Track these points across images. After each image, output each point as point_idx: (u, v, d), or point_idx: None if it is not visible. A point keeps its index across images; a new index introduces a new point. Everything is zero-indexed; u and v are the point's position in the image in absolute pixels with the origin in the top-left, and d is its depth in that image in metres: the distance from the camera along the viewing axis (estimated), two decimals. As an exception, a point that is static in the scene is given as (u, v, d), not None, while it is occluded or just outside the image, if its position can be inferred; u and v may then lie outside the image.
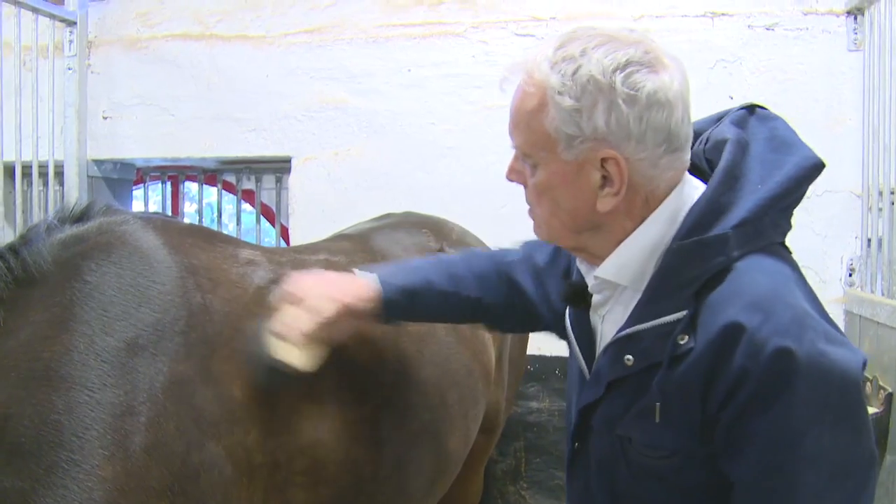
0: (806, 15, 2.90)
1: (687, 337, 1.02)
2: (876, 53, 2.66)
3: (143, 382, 1.30)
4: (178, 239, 1.54)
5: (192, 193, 4.30)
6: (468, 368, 1.92)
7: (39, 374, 1.25)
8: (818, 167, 1.11)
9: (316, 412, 1.52)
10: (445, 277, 1.49)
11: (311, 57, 3.29)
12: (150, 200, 4.20)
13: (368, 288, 1.44)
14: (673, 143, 1.06)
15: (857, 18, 2.84)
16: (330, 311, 1.39)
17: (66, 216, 1.50)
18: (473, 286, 1.49)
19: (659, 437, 1.06)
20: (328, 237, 2.22)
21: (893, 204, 2.49)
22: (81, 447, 1.21)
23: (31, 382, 1.24)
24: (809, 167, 1.10)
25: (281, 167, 3.56)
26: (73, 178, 3.38)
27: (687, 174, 1.12)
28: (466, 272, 1.51)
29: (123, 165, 3.66)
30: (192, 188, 4.13)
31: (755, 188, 1.07)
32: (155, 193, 4.13)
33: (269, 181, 3.78)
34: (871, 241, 2.71)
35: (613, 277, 1.13)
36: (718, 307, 1.01)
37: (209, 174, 3.88)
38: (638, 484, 1.10)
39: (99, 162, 3.51)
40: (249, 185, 3.77)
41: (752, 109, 1.19)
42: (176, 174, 3.98)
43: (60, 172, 3.38)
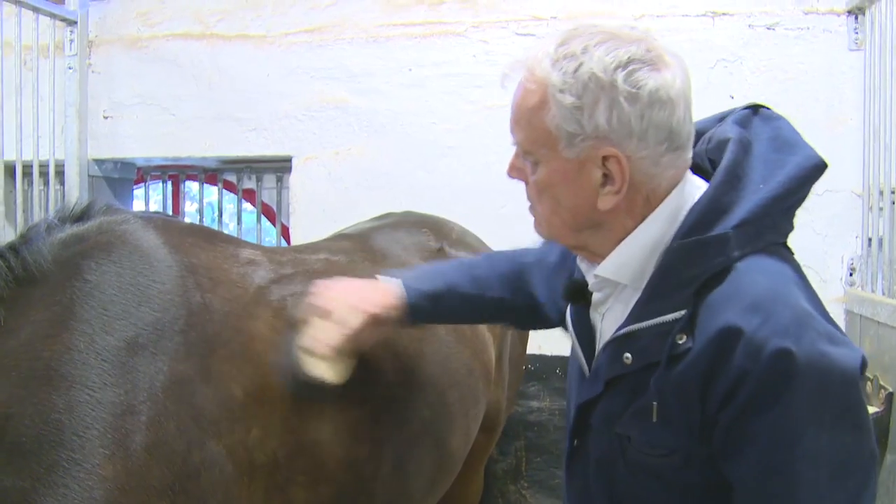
0: (807, 14, 2.90)
1: (685, 336, 1.02)
2: (877, 53, 2.66)
3: (143, 381, 1.30)
4: (178, 238, 1.54)
5: (192, 193, 4.30)
6: (468, 367, 1.92)
7: (40, 373, 1.25)
8: (820, 167, 1.10)
9: (317, 411, 1.52)
10: (468, 280, 1.52)
11: (311, 56, 3.29)
12: (150, 200, 4.21)
13: (392, 294, 1.46)
14: (674, 141, 1.06)
15: (857, 18, 2.84)
16: (356, 322, 1.41)
17: (66, 215, 1.51)
18: (496, 287, 1.52)
19: (657, 435, 1.06)
20: (328, 237, 2.22)
21: (894, 203, 2.49)
22: (82, 446, 1.21)
23: (31, 381, 1.24)
24: (811, 167, 1.09)
25: (282, 166, 3.56)
26: (73, 177, 3.38)
27: (688, 173, 1.11)
28: (489, 273, 1.53)
29: (124, 165, 3.66)
30: (192, 188, 4.13)
31: (757, 188, 1.07)
32: (156, 193, 4.13)
33: (269, 180, 3.78)
34: (871, 240, 2.71)
35: (613, 276, 1.13)
36: (718, 307, 1.01)
37: (210, 173, 3.88)
38: (636, 483, 1.10)
39: (100, 161, 3.52)
40: (250, 184, 3.77)
41: (755, 109, 1.18)
42: (177, 173, 3.98)
43: (61, 172, 3.38)
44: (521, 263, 1.54)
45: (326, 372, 1.40)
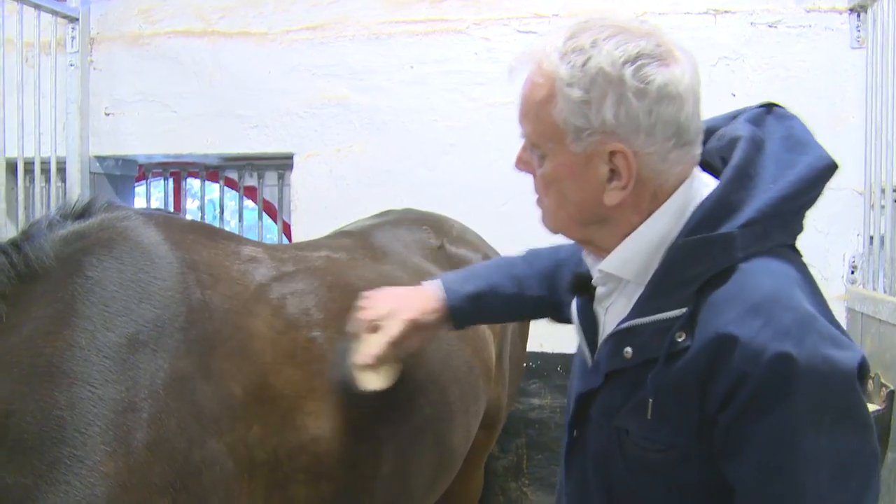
0: (809, 12, 2.89)
1: (685, 334, 1.01)
2: (879, 51, 2.65)
3: (144, 379, 1.31)
4: (179, 235, 1.54)
5: (194, 190, 4.30)
6: (469, 365, 1.92)
7: (42, 369, 1.25)
8: (831, 168, 1.09)
9: (317, 409, 1.52)
10: (508, 279, 1.54)
11: (313, 53, 3.29)
12: (152, 197, 4.21)
13: (433, 298, 1.49)
14: (683, 137, 1.05)
15: (860, 16, 2.84)
16: (396, 329, 1.44)
17: (67, 212, 1.51)
18: (536, 285, 1.53)
19: (654, 431, 1.06)
20: (330, 234, 2.23)
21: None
22: (84, 443, 1.22)
23: (33, 378, 1.25)
24: (822, 168, 1.09)
25: (283, 164, 3.56)
26: (75, 174, 3.39)
27: (697, 169, 1.11)
28: (528, 272, 1.55)
29: (125, 162, 3.66)
30: (194, 185, 4.13)
31: (767, 187, 1.06)
32: (157, 190, 4.13)
33: (271, 178, 3.78)
34: (873, 238, 2.71)
35: (616, 271, 1.12)
36: (719, 307, 1.00)
37: (211, 171, 3.88)
38: (634, 478, 1.10)
39: (101, 158, 3.52)
40: (251, 181, 3.78)
41: (769, 108, 1.17)
42: (178, 171, 3.98)
43: (62, 169, 3.38)
44: (556, 260, 1.54)
45: (373, 382, 1.46)
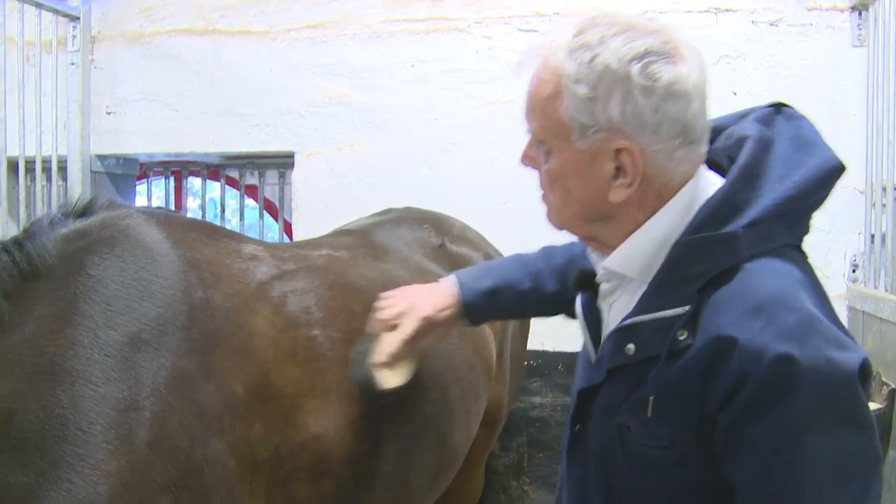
0: (810, 11, 2.89)
1: (686, 333, 1.01)
2: (880, 49, 2.65)
3: (146, 377, 1.31)
4: (180, 233, 1.54)
5: (195, 189, 4.31)
6: (470, 363, 1.92)
7: (44, 368, 1.25)
8: (838, 169, 1.08)
9: (319, 407, 1.52)
10: (524, 275, 1.54)
11: (314, 52, 3.29)
12: (153, 196, 4.20)
13: (447, 295, 1.50)
14: (689, 135, 1.04)
15: (861, 14, 2.83)
16: (410, 327, 1.45)
17: (69, 211, 1.51)
18: (551, 281, 1.54)
19: (655, 428, 1.06)
20: (330, 232, 2.23)
21: (897, 200, 2.49)
22: (86, 442, 1.22)
23: (35, 377, 1.25)
24: (829, 169, 1.08)
25: (284, 162, 3.56)
26: (76, 173, 3.39)
27: (703, 168, 1.10)
28: (544, 268, 1.55)
29: (126, 160, 3.66)
30: (195, 183, 4.13)
31: (773, 187, 1.05)
32: (158, 189, 4.13)
33: (272, 176, 3.78)
34: (874, 237, 2.71)
35: (620, 269, 1.12)
36: (722, 306, 1.00)
37: (212, 169, 3.89)
38: (634, 476, 1.10)
39: (102, 157, 3.52)
40: (252, 180, 3.78)
41: (779, 108, 1.17)
42: (179, 169, 3.98)
43: (63, 168, 3.39)
44: (571, 256, 1.54)
45: (389, 380, 1.46)
